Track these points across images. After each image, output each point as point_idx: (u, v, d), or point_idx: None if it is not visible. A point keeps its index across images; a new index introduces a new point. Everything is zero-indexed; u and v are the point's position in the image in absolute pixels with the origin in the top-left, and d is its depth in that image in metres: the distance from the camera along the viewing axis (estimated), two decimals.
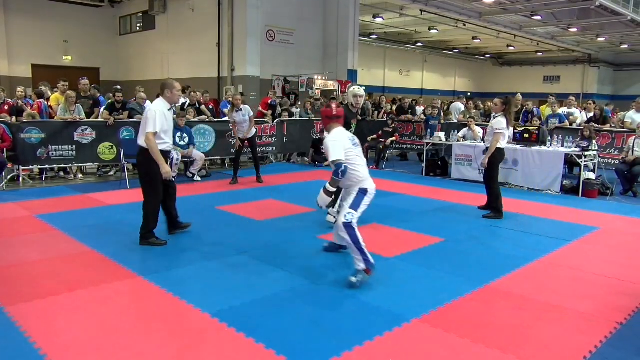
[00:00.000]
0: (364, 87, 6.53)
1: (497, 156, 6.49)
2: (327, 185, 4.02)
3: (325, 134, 4.28)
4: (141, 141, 4.84)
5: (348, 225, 3.94)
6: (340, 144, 4.03)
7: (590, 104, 11.17)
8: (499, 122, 6.41)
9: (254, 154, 9.03)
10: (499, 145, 6.39)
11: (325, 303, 3.66)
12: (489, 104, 12.97)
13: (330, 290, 3.90)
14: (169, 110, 4.98)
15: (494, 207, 6.55)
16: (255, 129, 9.15)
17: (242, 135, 8.60)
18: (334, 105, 4.44)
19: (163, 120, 4.82)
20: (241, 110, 8.49)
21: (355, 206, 4.04)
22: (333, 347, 2.98)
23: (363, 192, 4.08)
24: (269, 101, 11.77)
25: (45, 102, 9.09)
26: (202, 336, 3.11)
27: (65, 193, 7.75)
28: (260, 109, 11.67)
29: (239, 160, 8.94)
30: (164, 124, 4.84)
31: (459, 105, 13.00)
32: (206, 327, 3.24)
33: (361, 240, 3.96)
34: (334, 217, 5.80)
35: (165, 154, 4.96)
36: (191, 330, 3.18)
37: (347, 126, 5.43)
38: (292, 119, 11.89)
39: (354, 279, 3.92)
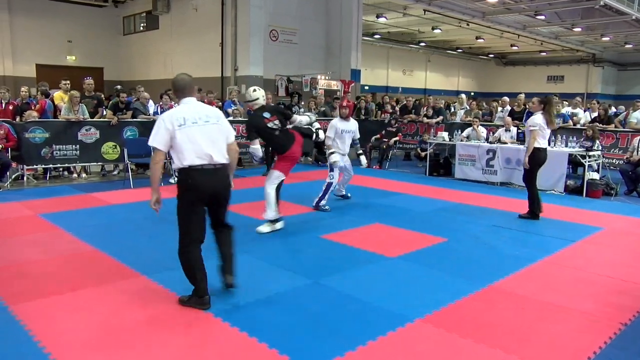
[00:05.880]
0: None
1: (536, 157, 6.19)
2: None
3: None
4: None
5: None
6: None
7: (594, 103, 11.12)
8: (533, 119, 6.22)
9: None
10: (537, 145, 6.12)
11: (328, 303, 3.66)
12: (493, 103, 12.97)
13: (333, 290, 3.90)
14: None
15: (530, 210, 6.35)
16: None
17: None
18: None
19: None
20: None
21: None
22: (336, 347, 2.98)
23: None
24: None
25: (50, 102, 9.11)
26: (205, 336, 3.12)
27: (68, 192, 7.78)
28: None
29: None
30: None
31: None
32: (209, 326, 3.25)
33: None
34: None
35: None
36: (194, 330, 3.19)
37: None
38: None
39: None
